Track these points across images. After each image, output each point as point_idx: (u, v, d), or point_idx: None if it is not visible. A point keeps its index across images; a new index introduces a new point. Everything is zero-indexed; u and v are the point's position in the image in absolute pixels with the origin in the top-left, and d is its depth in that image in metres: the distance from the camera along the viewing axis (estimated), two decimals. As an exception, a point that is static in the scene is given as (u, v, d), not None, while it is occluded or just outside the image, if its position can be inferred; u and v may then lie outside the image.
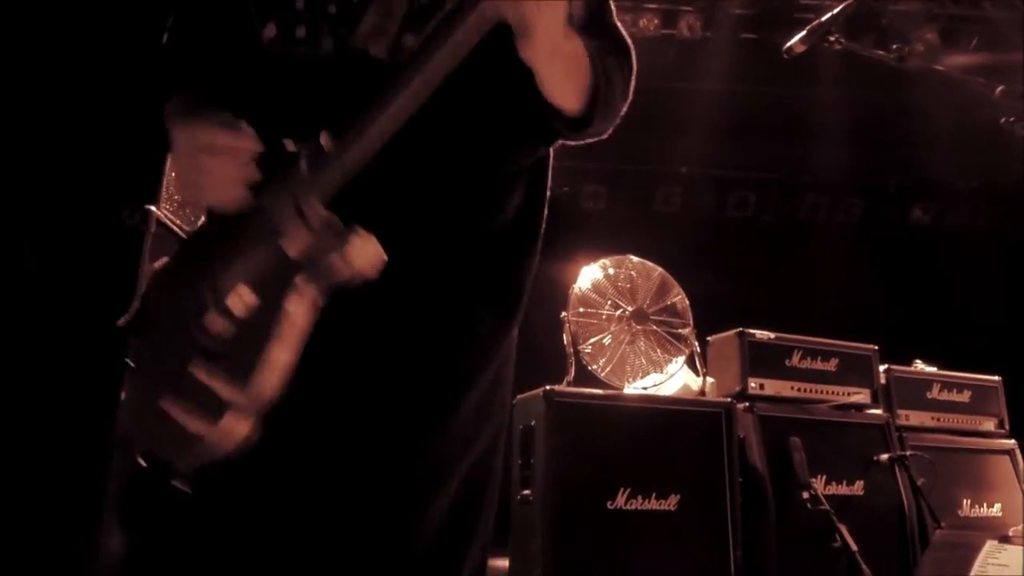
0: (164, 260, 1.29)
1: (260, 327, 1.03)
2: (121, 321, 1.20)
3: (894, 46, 2.03)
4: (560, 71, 1.08)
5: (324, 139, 1.05)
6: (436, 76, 1.01)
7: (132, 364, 1.19)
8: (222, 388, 1.01)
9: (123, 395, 1.22)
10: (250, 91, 1.22)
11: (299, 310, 1.02)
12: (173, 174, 2.14)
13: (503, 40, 1.01)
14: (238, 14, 1.22)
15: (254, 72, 1.22)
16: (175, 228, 2.13)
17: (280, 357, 1.01)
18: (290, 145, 1.08)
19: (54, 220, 2.11)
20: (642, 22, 6.21)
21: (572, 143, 1.26)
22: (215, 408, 1.01)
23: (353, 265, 1.01)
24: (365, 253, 1.01)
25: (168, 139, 1.23)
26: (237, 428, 1.00)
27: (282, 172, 1.08)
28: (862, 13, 2.45)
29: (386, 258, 1.02)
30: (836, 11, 2.18)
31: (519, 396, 3.10)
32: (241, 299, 1.06)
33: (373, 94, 1.04)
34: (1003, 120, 1.70)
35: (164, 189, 2.09)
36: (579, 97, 1.12)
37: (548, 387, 2.96)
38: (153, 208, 2.03)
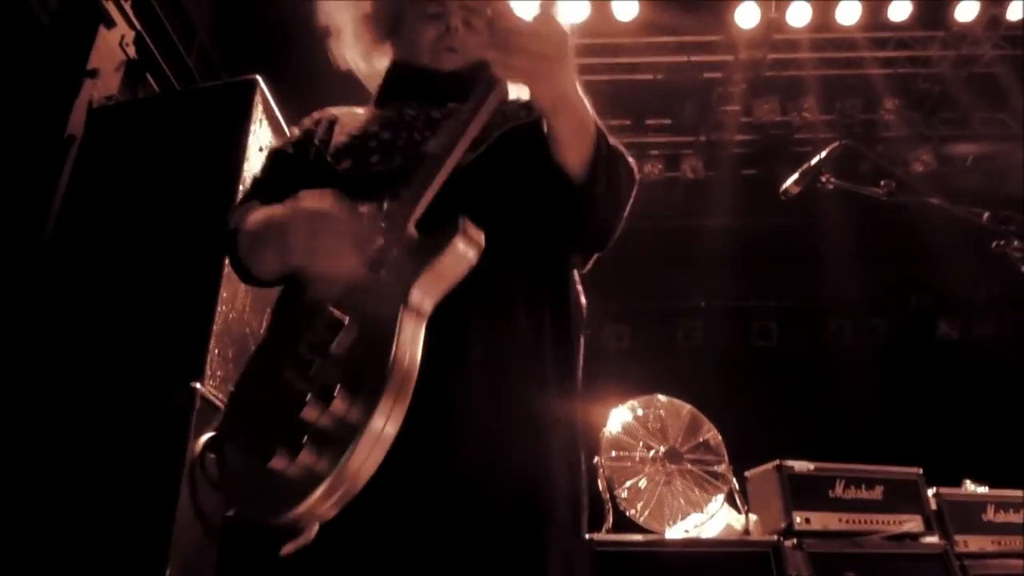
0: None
1: (374, 355, 1.05)
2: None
3: (882, 181, 2.15)
4: (567, 125, 1.23)
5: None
6: (473, 124, 1.20)
7: (226, 428, 1.21)
8: (351, 416, 1.01)
9: (220, 451, 1.20)
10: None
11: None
12: (216, 351, 2.27)
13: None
14: (316, 162, 1.44)
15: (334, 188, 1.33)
16: (219, 404, 2.22)
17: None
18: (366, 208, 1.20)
19: (104, 400, 2.21)
20: (647, 168, 6.57)
21: (592, 252, 1.43)
22: (329, 441, 1.00)
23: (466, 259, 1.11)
24: (477, 241, 1.11)
25: (236, 227, 1.37)
26: (332, 505, 0.99)
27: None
28: (853, 151, 2.61)
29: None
30: (823, 155, 2.33)
31: (559, 548, 3.03)
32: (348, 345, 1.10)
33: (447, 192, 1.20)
34: (994, 244, 1.79)
35: (208, 366, 2.21)
36: (584, 158, 1.25)
37: (587, 536, 2.90)
38: (198, 386, 2.14)
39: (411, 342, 1.06)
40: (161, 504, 1.99)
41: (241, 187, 2.46)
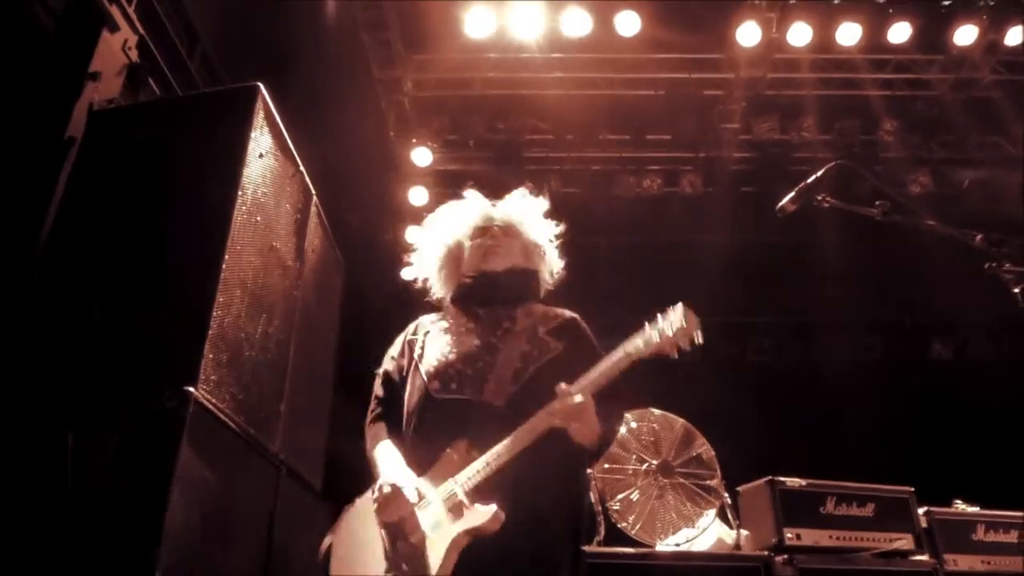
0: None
1: (432, 556, 1.95)
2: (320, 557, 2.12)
3: (877, 202, 2.17)
4: (584, 439, 2.03)
5: (468, 448, 2.05)
6: (525, 442, 1.98)
7: (336, 566, 2.07)
8: None
9: None
10: (425, 418, 2.15)
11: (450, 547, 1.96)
12: (211, 355, 2.28)
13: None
14: (417, 377, 2.22)
15: (427, 408, 2.16)
16: (212, 408, 2.23)
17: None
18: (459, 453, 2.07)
19: (98, 404, 2.21)
20: (646, 183, 6.59)
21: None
22: None
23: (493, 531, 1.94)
24: (498, 521, 1.94)
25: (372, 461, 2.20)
26: None
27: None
28: (849, 171, 2.63)
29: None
30: (819, 174, 2.35)
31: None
32: (419, 542, 1.99)
33: (497, 428, 2.01)
34: (986, 266, 1.80)
35: (202, 370, 2.21)
36: (592, 446, 2.06)
37: (579, 548, 2.90)
38: (192, 390, 2.14)
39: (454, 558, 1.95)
40: (153, 506, 1.99)
41: (240, 192, 2.48)
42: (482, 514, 1.94)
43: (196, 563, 2.16)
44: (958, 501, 3.87)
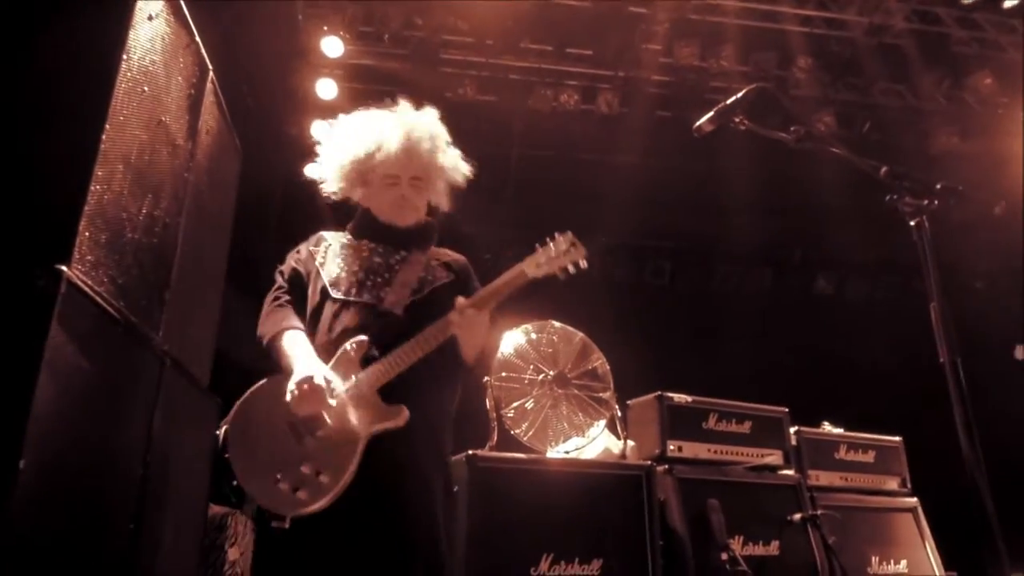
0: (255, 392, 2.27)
1: (342, 452, 2.08)
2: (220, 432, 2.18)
3: (792, 128, 2.18)
4: (470, 349, 2.24)
5: (372, 350, 2.18)
6: (426, 348, 2.17)
7: (235, 453, 2.13)
8: (326, 483, 2.06)
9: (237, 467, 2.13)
10: (324, 317, 2.28)
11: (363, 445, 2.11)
12: (87, 233, 2.09)
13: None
14: (319, 283, 2.36)
15: (327, 308, 2.30)
16: (88, 290, 2.06)
17: (354, 470, 2.07)
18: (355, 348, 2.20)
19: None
20: (563, 97, 6.48)
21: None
22: (317, 490, 2.05)
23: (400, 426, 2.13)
24: (405, 419, 2.12)
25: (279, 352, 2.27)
26: (325, 501, 2.04)
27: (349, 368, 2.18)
28: (767, 97, 2.64)
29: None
30: (739, 95, 2.34)
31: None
32: (327, 436, 2.11)
33: (395, 332, 2.18)
34: (887, 198, 1.85)
35: (77, 249, 2.02)
36: (471, 359, 2.28)
37: (471, 452, 2.94)
38: (64, 268, 1.96)
39: (362, 456, 2.10)
40: (19, 393, 1.84)
41: (125, 56, 2.23)
42: (392, 413, 2.09)
43: (67, 454, 2.03)
44: (826, 423, 4.17)
